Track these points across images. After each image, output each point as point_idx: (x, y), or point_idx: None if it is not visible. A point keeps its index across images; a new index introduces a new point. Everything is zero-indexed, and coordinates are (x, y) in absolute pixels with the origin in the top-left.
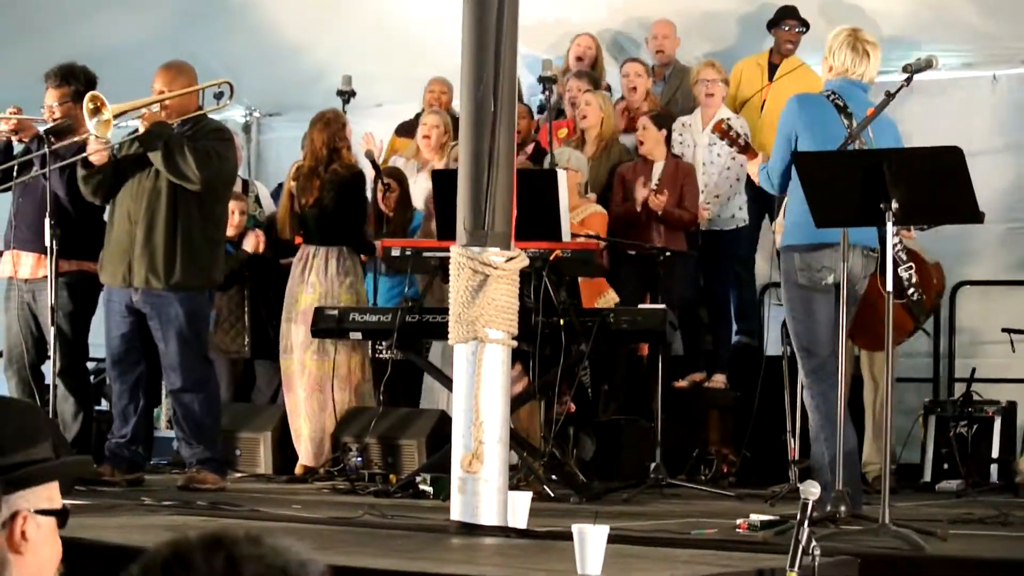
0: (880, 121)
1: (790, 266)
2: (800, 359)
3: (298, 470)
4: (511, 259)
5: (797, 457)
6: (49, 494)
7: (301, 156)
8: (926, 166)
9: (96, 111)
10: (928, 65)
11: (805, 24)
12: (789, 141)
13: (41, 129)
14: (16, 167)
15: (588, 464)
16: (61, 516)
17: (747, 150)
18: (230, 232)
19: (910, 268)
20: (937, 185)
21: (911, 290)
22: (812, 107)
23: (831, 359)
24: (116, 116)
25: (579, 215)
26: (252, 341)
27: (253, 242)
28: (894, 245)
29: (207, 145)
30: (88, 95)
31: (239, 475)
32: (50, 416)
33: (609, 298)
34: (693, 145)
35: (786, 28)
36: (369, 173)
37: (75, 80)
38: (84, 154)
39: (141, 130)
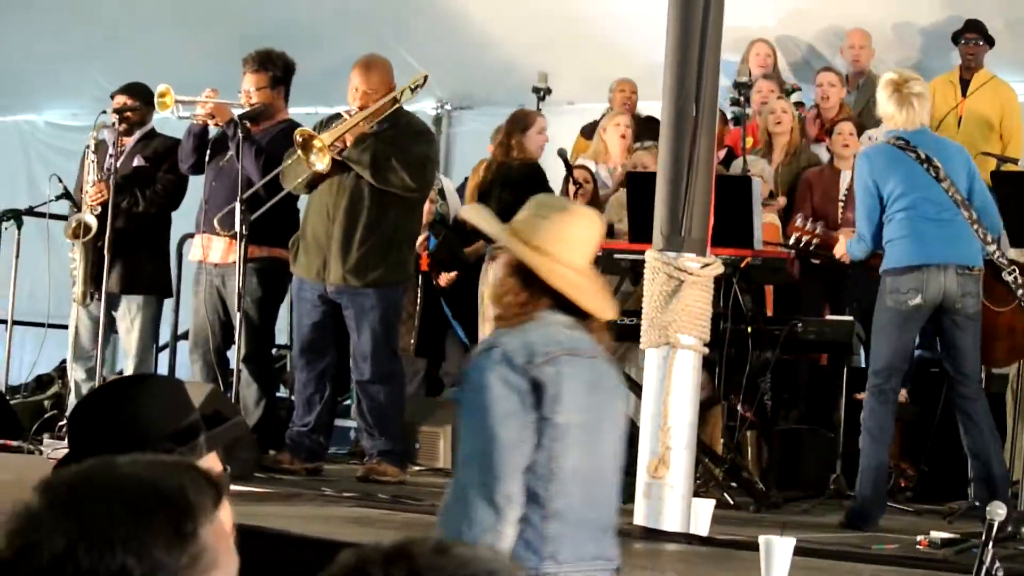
0: (948, 147)
1: (882, 288)
2: (871, 374)
3: None
4: (706, 265)
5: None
6: (207, 463)
7: (488, 151)
8: None
9: (306, 144)
10: None
11: (989, 39)
12: (870, 194)
13: (236, 114)
14: (211, 151)
15: (767, 473)
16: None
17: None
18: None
19: (1013, 271)
20: None
21: (1020, 291)
22: (882, 155)
23: (895, 380)
24: (328, 144)
25: None
26: (419, 340)
27: (445, 280)
28: (991, 253)
29: (418, 152)
30: (296, 131)
31: (417, 468)
32: (233, 401)
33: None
34: None
35: (965, 42)
36: (560, 172)
37: (272, 66)
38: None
39: (347, 142)
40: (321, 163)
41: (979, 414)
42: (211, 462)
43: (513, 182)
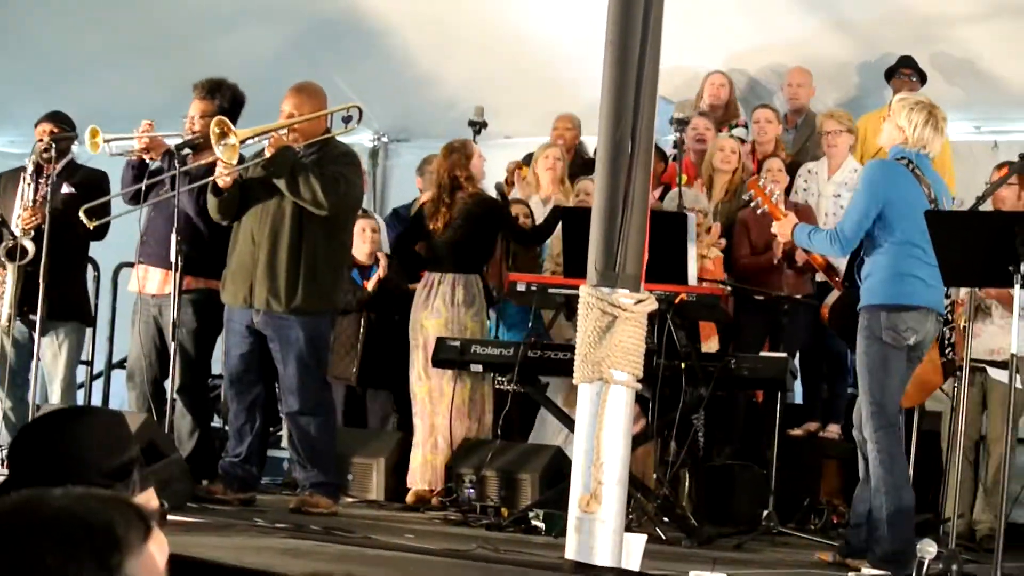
0: (939, 180)
1: (875, 323)
2: (871, 415)
3: (410, 499)
4: (640, 301)
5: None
6: (144, 499)
7: (417, 184)
8: None
9: (223, 135)
10: None
11: (922, 75)
12: (877, 205)
13: (172, 145)
14: (149, 184)
15: (699, 508)
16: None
17: (774, 210)
18: (365, 252)
19: (952, 327)
20: None
21: (948, 349)
22: (899, 176)
23: (898, 416)
24: (243, 141)
25: None
26: (361, 369)
27: (383, 269)
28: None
29: (334, 170)
30: (215, 120)
31: (350, 500)
32: (167, 431)
33: (711, 346)
34: (817, 194)
35: (902, 78)
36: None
37: (221, 96)
38: (212, 177)
39: (268, 153)
40: (227, 157)
41: (900, 447)
42: (147, 497)
43: (481, 219)
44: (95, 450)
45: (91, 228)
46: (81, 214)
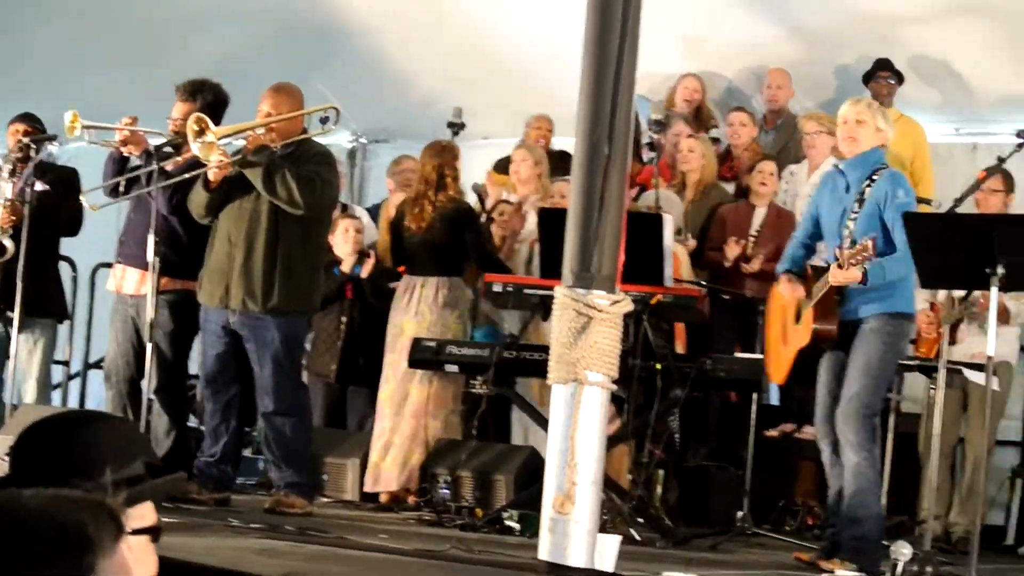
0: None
1: (901, 331)
2: (864, 417)
3: (384, 498)
4: (616, 303)
5: (885, 514)
6: (142, 512)
7: (388, 185)
8: None
9: (200, 133)
10: None
11: (900, 77)
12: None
13: (152, 145)
14: (129, 181)
15: (674, 509)
16: (155, 532)
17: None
18: (347, 250)
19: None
20: None
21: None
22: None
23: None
24: (220, 139)
25: None
26: (340, 367)
27: (368, 267)
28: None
29: (311, 170)
30: (193, 116)
31: (325, 500)
32: (142, 431)
33: (678, 347)
34: (796, 195)
35: (880, 80)
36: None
37: (202, 96)
38: (187, 175)
39: (243, 153)
40: (203, 155)
41: None
42: (147, 510)
43: (456, 223)
44: (102, 457)
45: (81, 216)
46: (83, 199)
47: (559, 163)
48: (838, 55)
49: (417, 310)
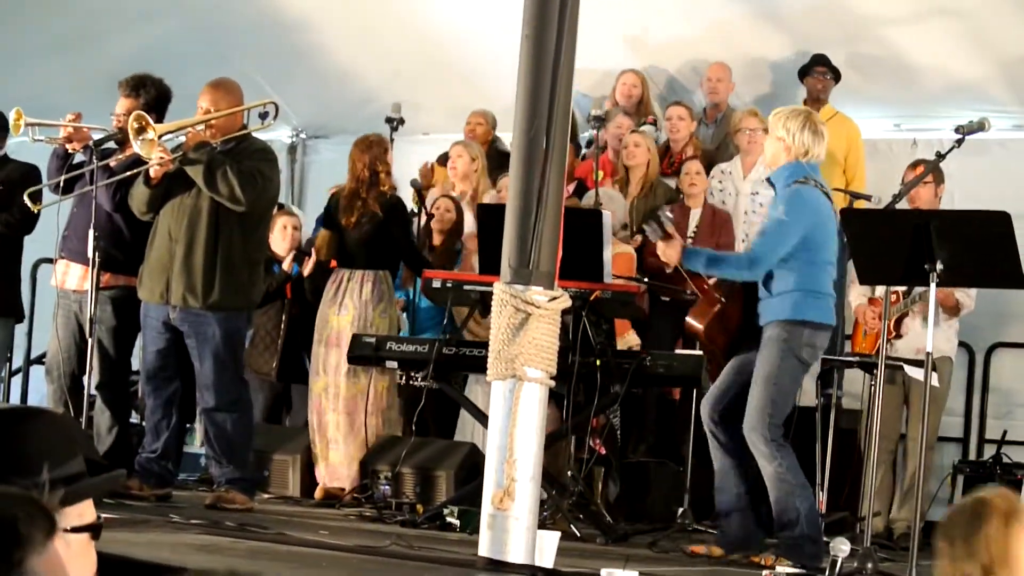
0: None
1: (795, 338)
2: (768, 426)
3: (319, 494)
4: (554, 299)
5: (824, 510)
6: (80, 510)
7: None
8: (973, 229)
9: (141, 130)
10: (980, 128)
11: (836, 73)
12: (801, 231)
13: (92, 140)
14: (69, 177)
15: (615, 505)
16: (94, 530)
17: (669, 238)
18: (285, 247)
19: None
20: (983, 248)
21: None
22: (819, 200)
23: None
24: (161, 136)
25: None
26: (281, 364)
27: (309, 266)
28: None
29: (251, 166)
30: (133, 114)
31: (267, 496)
32: (83, 427)
33: (629, 339)
34: (735, 193)
35: (816, 75)
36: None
37: (145, 92)
38: (139, 169)
39: (183, 149)
40: (144, 152)
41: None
42: (86, 508)
43: (386, 218)
44: (41, 454)
45: (36, 212)
46: (25, 197)
47: (504, 161)
48: (778, 48)
49: (342, 303)
